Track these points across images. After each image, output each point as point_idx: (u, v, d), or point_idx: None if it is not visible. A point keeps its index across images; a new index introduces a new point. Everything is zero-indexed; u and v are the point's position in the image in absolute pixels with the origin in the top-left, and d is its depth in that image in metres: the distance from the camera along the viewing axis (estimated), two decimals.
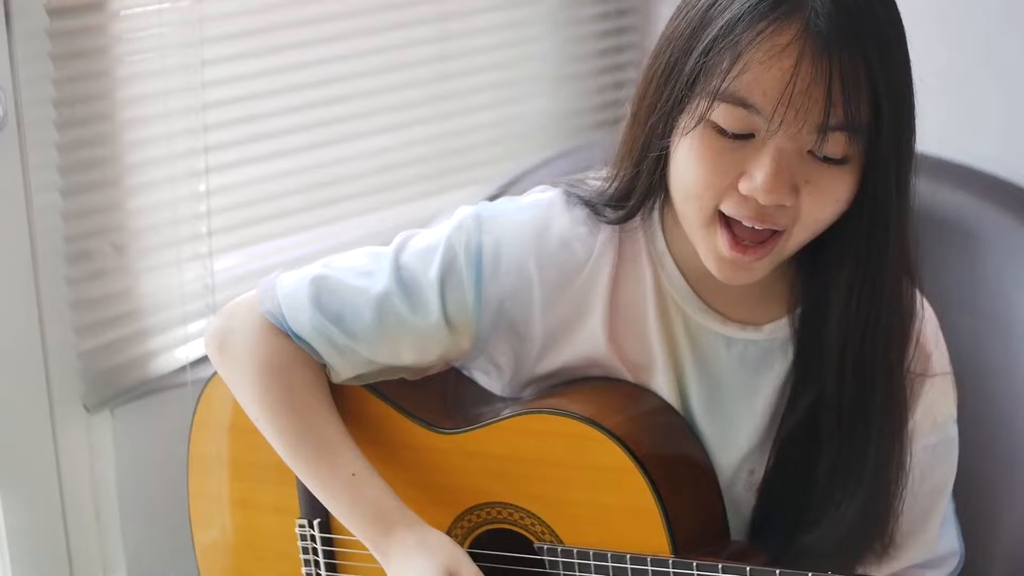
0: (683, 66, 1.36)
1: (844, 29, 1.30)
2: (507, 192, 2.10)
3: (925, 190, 1.97)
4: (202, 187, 2.06)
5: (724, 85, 1.32)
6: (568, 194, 1.52)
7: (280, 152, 2.16)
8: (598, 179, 1.51)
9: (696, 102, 1.35)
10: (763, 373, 1.51)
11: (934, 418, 1.53)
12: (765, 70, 1.31)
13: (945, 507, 1.57)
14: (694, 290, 1.50)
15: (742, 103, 1.32)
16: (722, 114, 1.33)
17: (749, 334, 1.50)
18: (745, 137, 1.34)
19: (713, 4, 1.35)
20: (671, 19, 1.41)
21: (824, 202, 1.36)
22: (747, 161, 1.34)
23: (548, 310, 1.50)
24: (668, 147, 1.40)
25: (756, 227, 1.37)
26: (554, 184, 1.55)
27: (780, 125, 1.31)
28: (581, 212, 1.50)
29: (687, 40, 1.36)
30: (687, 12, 1.38)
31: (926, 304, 1.53)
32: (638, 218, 1.49)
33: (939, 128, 2.08)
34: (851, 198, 1.37)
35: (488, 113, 2.41)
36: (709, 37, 1.33)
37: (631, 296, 1.50)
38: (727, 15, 1.33)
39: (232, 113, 2.08)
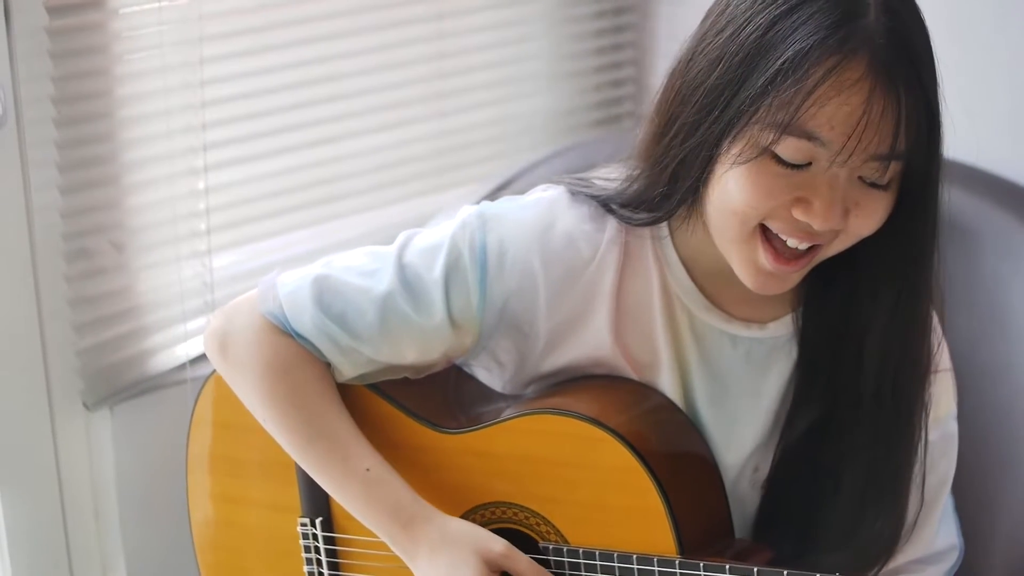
0: (735, 92, 1.34)
1: (905, 60, 1.31)
2: (504, 190, 2.11)
3: None
4: (201, 185, 2.06)
5: (793, 119, 1.31)
6: (573, 192, 1.52)
7: (279, 150, 2.16)
8: (607, 179, 1.51)
9: (753, 131, 1.34)
10: (768, 371, 1.52)
11: (936, 414, 1.53)
12: (837, 107, 1.30)
13: (944, 503, 1.58)
14: (699, 288, 1.50)
15: (809, 137, 1.32)
16: (786, 147, 1.33)
17: (754, 332, 1.51)
18: (803, 165, 1.34)
19: (769, 29, 1.32)
20: (711, 31, 1.38)
21: (869, 222, 1.37)
22: (802, 187, 1.35)
23: (553, 308, 1.50)
24: (714, 169, 1.39)
25: (800, 246, 1.38)
26: (557, 182, 1.55)
27: (848, 157, 1.32)
28: (586, 210, 1.50)
29: (740, 66, 1.34)
30: (737, 32, 1.34)
31: None
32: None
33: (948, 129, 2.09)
34: (888, 215, 1.38)
35: (485, 111, 2.41)
36: (771, 69, 1.31)
37: (636, 294, 1.50)
38: (791, 46, 1.31)
39: (231, 111, 2.08)
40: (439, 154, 2.36)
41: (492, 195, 2.05)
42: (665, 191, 1.44)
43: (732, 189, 1.37)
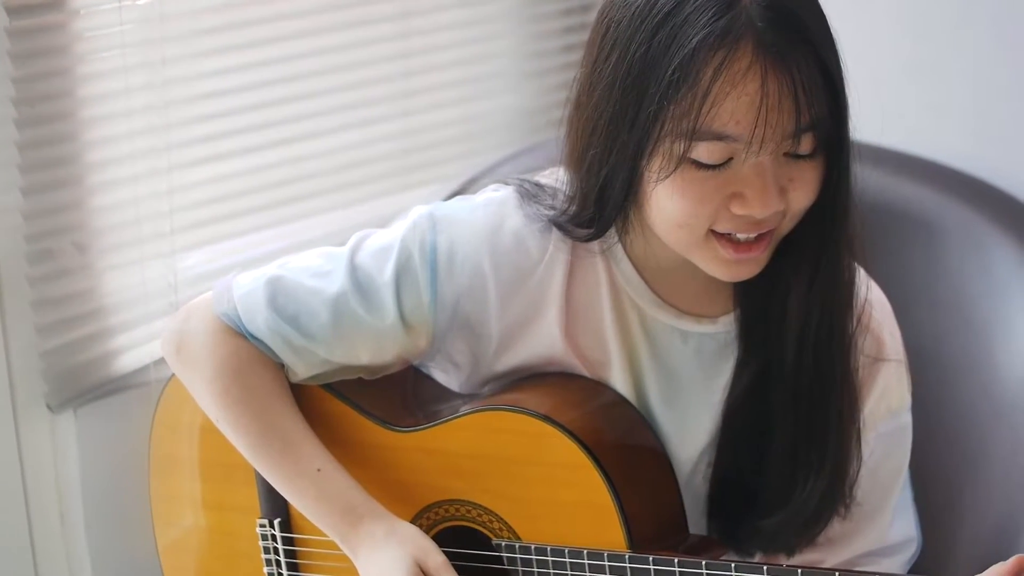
0: (637, 112, 1.34)
1: (791, 34, 1.30)
2: (471, 189, 2.10)
3: (888, 184, 1.99)
4: (164, 185, 2.05)
5: (697, 125, 1.31)
6: (522, 193, 1.52)
7: (243, 150, 2.15)
8: (554, 186, 1.51)
9: (664, 145, 1.34)
10: (720, 365, 1.52)
11: (889, 405, 1.54)
12: (735, 101, 1.30)
13: (899, 494, 1.58)
14: (648, 285, 1.50)
15: (718, 137, 1.32)
16: (701, 151, 1.33)
17: (704, 327, 1.51)
18: (725, 163, 1.34)
19: (652, 41, 1.32)
20: (600, 58, 1.37)
21: (806, 194, 1.37)
22: (732, 183, 1.35)
23: (504, 308, 1.51)
24: (639, 191, 1.39)
25: (751, 237, 1.38)
26: (507, 182, 1.55)
27: (761, 145, 1.32)
28: (535, 210, 1.50)
29: (635, 86, 1.34)
30: (624, 53, 1.34)
31: (879, 290, 1.54)
32: None
33: (906, 122, 2.09)
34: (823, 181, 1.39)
35: (451, 110, 2.41)
36: (664, 81, 1.31)
37: (586, 292, 1.51)
38: (677, 53, 1.31)
39: (194, 111, 2.07)
40: (405, 153, 2.35)
41: (458, 194, 2.05)
42: (592, 214, 1.44)
43: (666, 205, 1.37)
